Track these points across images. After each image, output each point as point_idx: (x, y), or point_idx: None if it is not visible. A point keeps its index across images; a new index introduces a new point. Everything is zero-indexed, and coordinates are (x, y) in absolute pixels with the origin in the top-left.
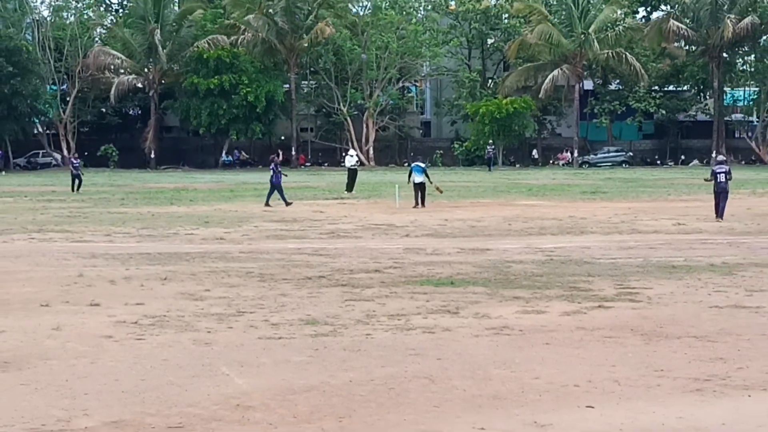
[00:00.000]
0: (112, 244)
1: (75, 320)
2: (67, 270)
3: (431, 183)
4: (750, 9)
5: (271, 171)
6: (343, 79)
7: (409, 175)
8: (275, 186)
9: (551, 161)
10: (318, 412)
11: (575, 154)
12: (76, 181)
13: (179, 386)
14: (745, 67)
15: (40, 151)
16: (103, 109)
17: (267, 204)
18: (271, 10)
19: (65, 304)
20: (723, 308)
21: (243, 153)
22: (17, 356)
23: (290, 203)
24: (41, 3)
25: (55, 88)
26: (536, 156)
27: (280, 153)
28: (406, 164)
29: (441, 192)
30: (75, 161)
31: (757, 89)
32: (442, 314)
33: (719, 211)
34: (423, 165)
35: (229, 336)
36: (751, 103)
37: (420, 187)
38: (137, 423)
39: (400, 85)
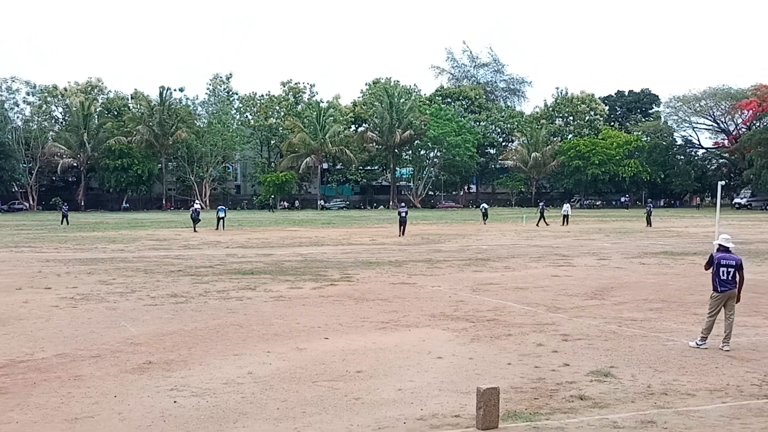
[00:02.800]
0: (58, 253)
1: (36, 297)
2: (31, 268)
3: (224, 216)
4: (409, 127)
5: (192, 211)
6: (191, 161)
7: (216, 213)
8: (194, 219)
9: (307, 207)
10: (177, 345)
11: (319, 203)
12: (64, 220)
13: (97, 333)
14: (407, 156)
15: (16, 201)
16: (54, 178)
17: (195, 230)
18: (150, 123)
19: (31, 288)
20: (396, 284)
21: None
22: (1, 318)
23: (197, 231)
24: (17, 117)
25: (25, 165)
26: (297, 204)
27: (196, 202)
28: (228, 208)
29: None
30: (64, 207)
31: (412, 168)
32: (247, 290)
33: (401, 233)
34: (224, 208)
35: (127, 304)
36: (409, 175)
37: (222, 219)
38: (73, 354)
39: (223, 165)
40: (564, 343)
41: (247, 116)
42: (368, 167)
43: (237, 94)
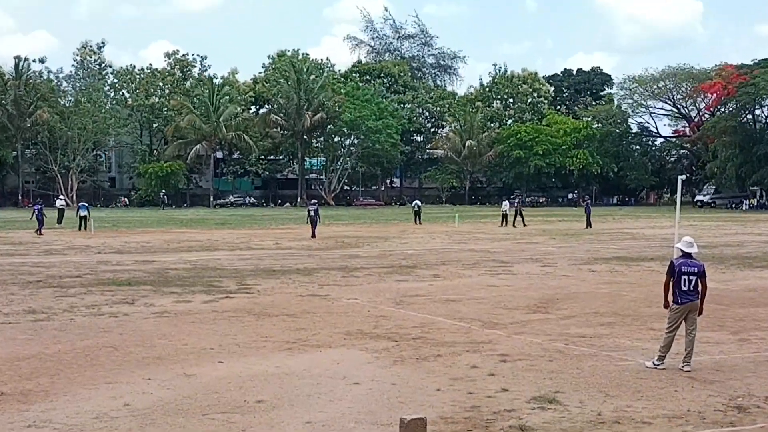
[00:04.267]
0: None
1: None
2: None
3: (87, 215)
4: (320, 108)
5: (36, 211)
6: (55, 148)
7: (77, 211)
8: (39, 219)
9: (197, 204)
10: (37, 372)
11: (211, 199)
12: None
13: None
14: (318, 144)
15: None
16: None
17: (39, 233)
18: (3, 101)
19: None
20: (304, 296)
21: None
22: None
23: (41, 234)
24: None
25: None
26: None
27: (41, 200)
28: (98, 204)
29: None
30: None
31: (325, 158)
32: (123, 304)
33: (313, 234)
34: (86, 205)
35: None
36: (321, 167)
37: (85, 219)
38: None
39: (94, 152)
40: (502, 364)
41: (123, 94)
42: (272, 157)
43: (111, 67)
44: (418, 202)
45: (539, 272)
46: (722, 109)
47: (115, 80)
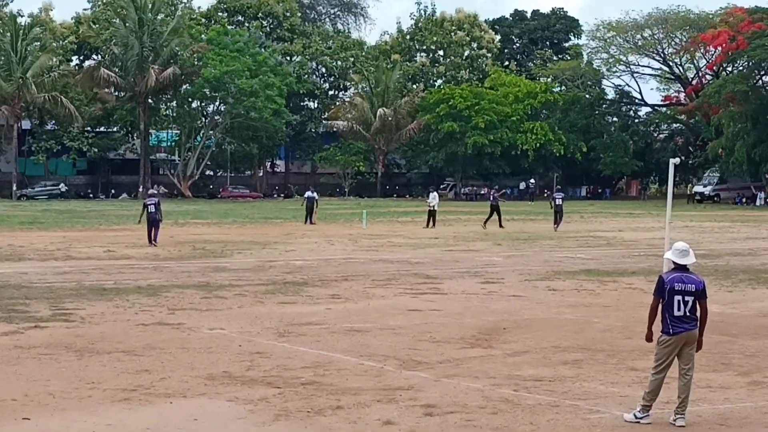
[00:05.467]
0: None
1: None
2: None
3: None
4: (172, 61)
5: None
6: None
7: None
8: None
9: None
10: None
11: (14, 188)
12: None
13: None
14: (168, 111)
15: None
16: None
17: None
18: None
19: None
20: (148, 325)
21: None
22: None
23: None
24: None
25: None
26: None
27: None
28: None
29: None
30: None
31: (178, 131)
32: None
33: (152, 238)
34: None
35: None
36: (173, 143)
37: None
38: None
39: None
40: (427, 419)
41: None
42: (102, 129)
43: None
44: (312, 194)
45: (479, 291)
46: (729, 69)
47: None
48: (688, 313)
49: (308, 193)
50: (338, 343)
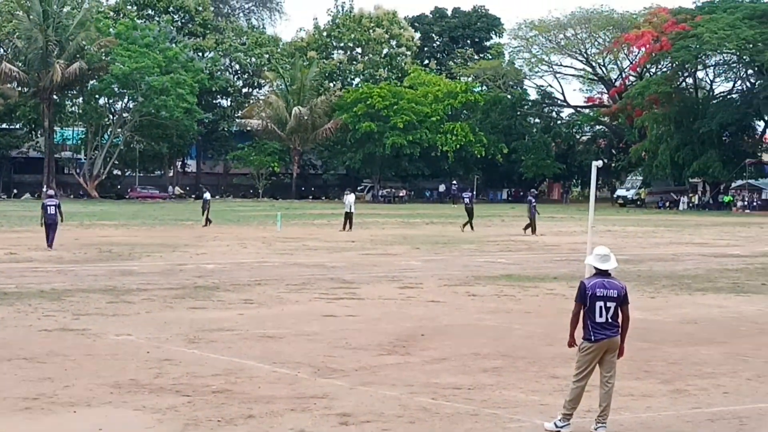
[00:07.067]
0: None
1: None
2: None
3: None
4: (78, 56)
5: None
6: None
7: None
8: None
9: None
10: None
11: None
12: None
13: None
14: (74, 108)
15: None
16: None
17: None
18: None
19: None
20: (52, 331)
21: None
22: None
23: None
24: None
25: None
26: None
27: None
28: None
29: None
30: None
31: (84, 129)
32: None
33: (49, 241)
34: None
35: None
36: (79, 141)
37: None
38: None
39: None
40: (342, 429)
41: None
42: (3, 126)
43: None
44: (207, 195)
45: (397, 297)
46: (653, 70)
47: None
48: (610, 320)
49: (206, 195)
50: (250, 349)
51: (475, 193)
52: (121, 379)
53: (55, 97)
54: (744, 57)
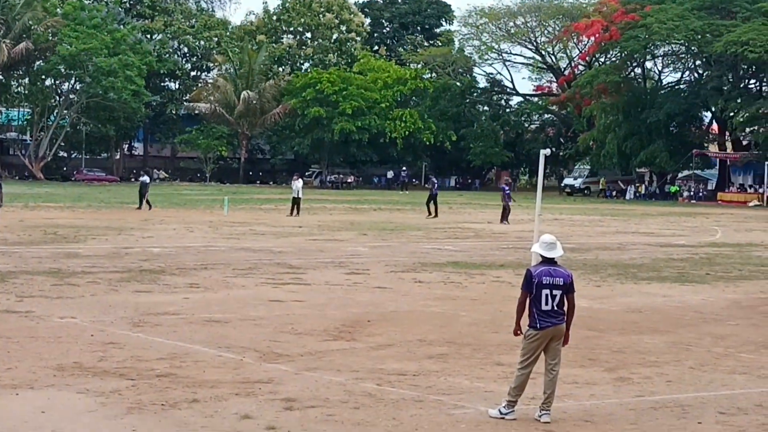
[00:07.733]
0: None
1: None
2: None
3: None
4: (24, 35)
5: None
6: None
7: None
8: None
9: None
10: None
11: None
12: None
13: None
14: (20, 89)
15: None
16: None
17: None
18: None
19: None
20: None
21: None
22: None
23: None
24: None
25: None
26: None
27: None
28: None
29: None
30: None
31: (30, 110)
32: None
33: None
34: None
35: None
36: (25, 122)
37: None
38: None
39: None
40: (287, 413)
41: None
42: None
43: None
44: (146, 178)
45: (343, 282)
46: (602, 59)
47: None
48: (555, 308)
49: (143, 178)
50: (196, 334)
51: (421, 179)
52: (65, 362)
53: (0, 77)
54: (692, 48)
